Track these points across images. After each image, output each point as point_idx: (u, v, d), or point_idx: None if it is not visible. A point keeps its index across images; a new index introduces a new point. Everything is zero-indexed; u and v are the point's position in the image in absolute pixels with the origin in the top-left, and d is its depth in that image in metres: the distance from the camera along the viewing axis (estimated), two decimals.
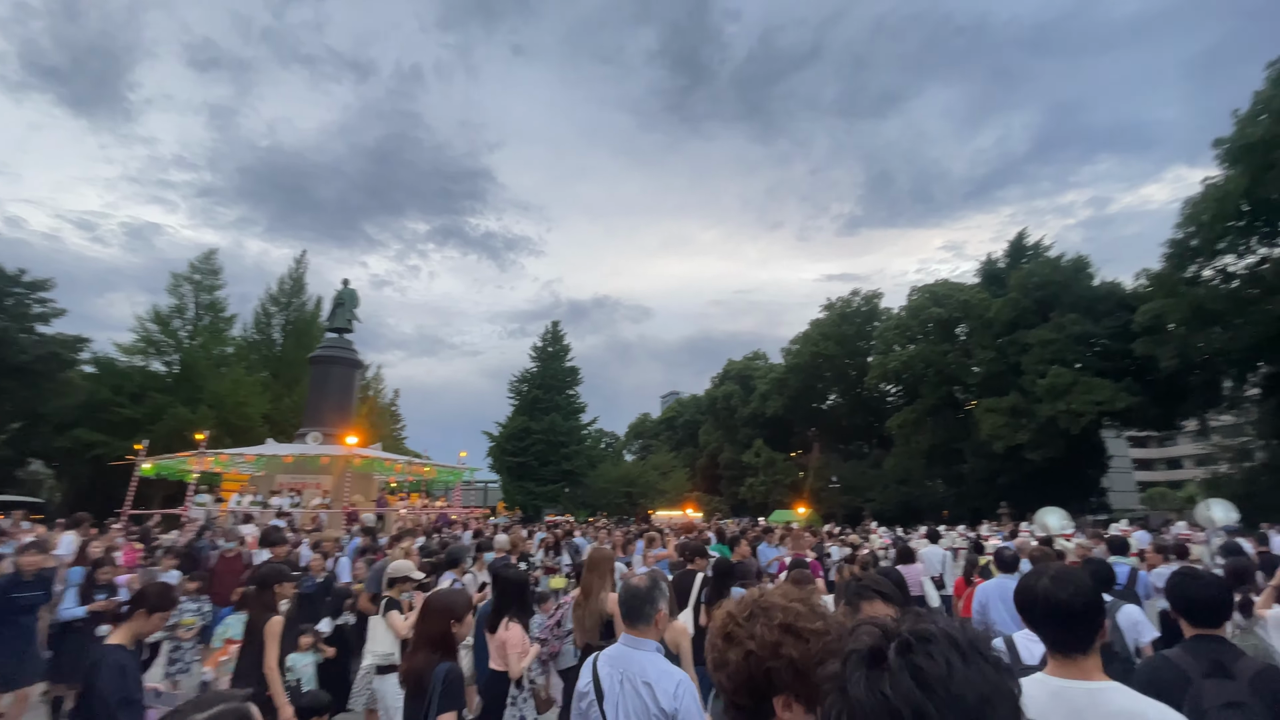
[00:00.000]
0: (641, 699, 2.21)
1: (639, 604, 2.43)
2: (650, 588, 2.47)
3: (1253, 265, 28.38)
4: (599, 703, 2.28)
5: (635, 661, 2.32)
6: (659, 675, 2.25)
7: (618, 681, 2.28)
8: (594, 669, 2.38)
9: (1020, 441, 32.94)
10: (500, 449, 51.27)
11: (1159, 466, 69.13)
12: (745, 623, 1.18)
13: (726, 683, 1.17)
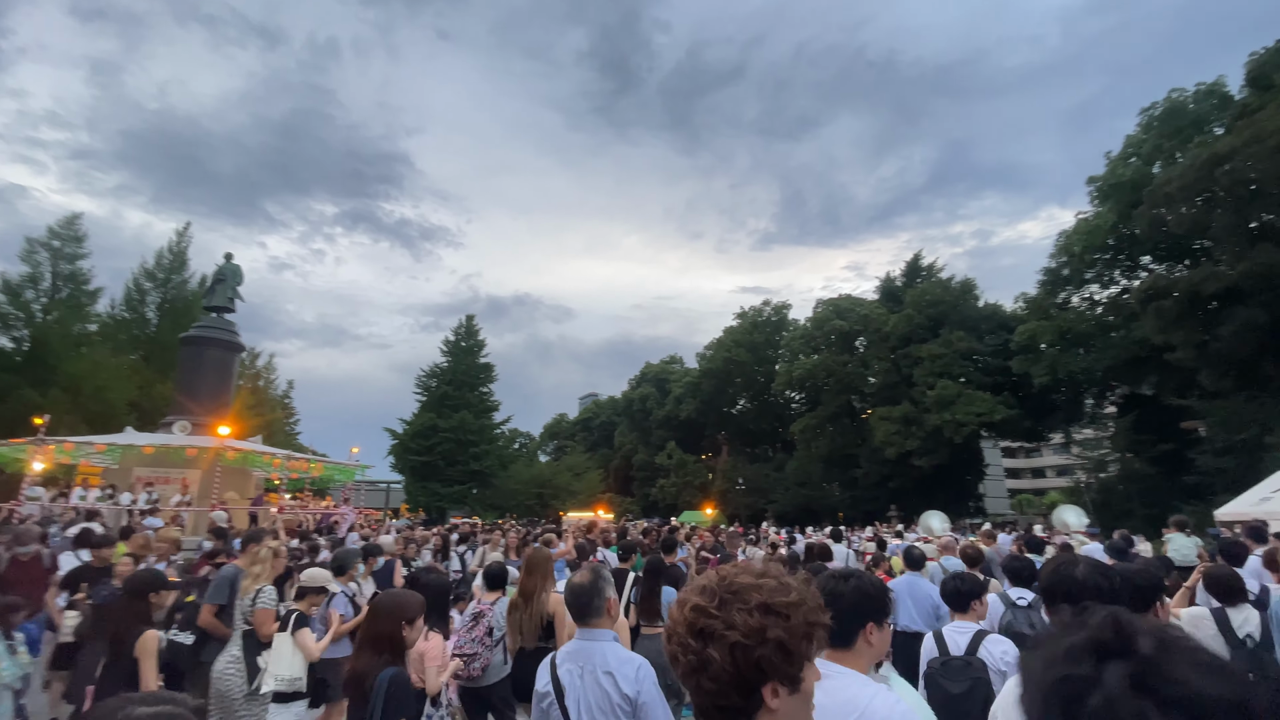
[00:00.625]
0: (603, 689, 2.21)
1: (587, 599, 2.45)
2: (594, 581, 2.49)
3: (1114, 295, 31.21)
4: (559, 700, 2.26)
5: (594, 653, 2.32)
6: (619, 663, 2.27)
7: (578, 676, 2.28)
8: (552, 668, 2.36)
9: (910, 448, 34.77)
10: (404, 447, 48.70)
11: (1025, 475, 75.54)
12: (720, 612, 1.04)
13: (710, 684, 1.02)
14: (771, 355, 50.29)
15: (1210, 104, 25.33)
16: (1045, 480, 72.50)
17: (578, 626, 2.48)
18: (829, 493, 43.20)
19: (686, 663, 1.04)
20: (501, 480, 49.58)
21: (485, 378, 52.73)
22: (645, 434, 58.63)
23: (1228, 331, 21.28)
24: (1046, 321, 30.86)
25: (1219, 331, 21.61)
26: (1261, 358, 22.20)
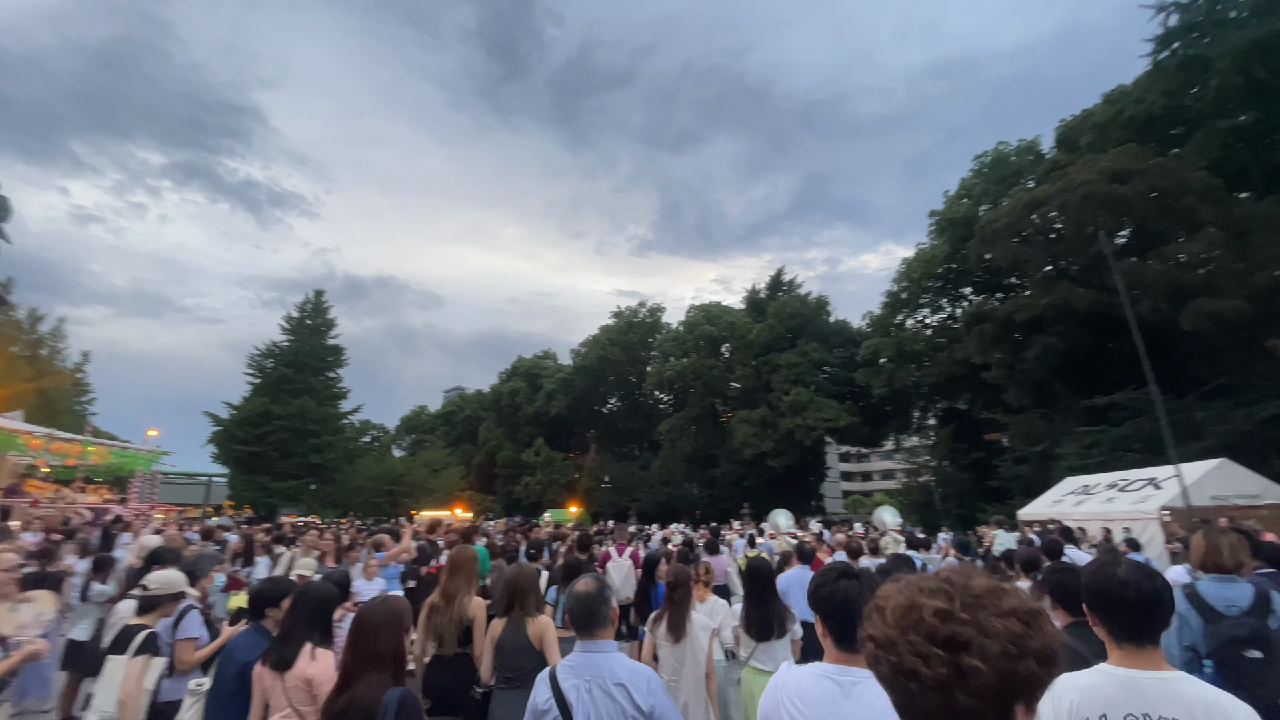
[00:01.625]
0: (617, 702, 2.14)
1: (595, 607, 2.34)
2: (600, 590, 2.39)
3: (942, 320, 34.80)
4: (567, 715, 2.14)
5: (602, 666, 2.24)
6: (630, 674, 2.21)
7: (585, 690, 2.17)
8: (553, 683, 2.23)
9: (765, 449, 36.35)
10: (229, 435, 42.42)
11: (857, 479, 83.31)
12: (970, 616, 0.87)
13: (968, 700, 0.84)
14: (644, 356, 50.51)
15: (1028, 159, 28.98)
16: (873, 484, 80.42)
17: (580, 638, 2.35)
18: (689, 491, 44.06)
19: (935, 675, 0.84)
20: (347, 476, 44.87)
21: (333, 361, 47.47)
22: (513, 430, 56.32)
23: (1031, 355, 24.19)
24: (887, 339, 33.56)
25: (1025, 355, 24.52)
26: (1054, 380, 25.61)
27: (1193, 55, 20.46)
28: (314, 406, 43.45)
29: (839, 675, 1.71)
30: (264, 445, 41.69)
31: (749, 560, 4.33)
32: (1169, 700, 1.55)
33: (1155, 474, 16.99)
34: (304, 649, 2.80)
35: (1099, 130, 23.73)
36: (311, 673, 2.73)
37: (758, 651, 3.79)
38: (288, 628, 2.89)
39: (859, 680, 1.66)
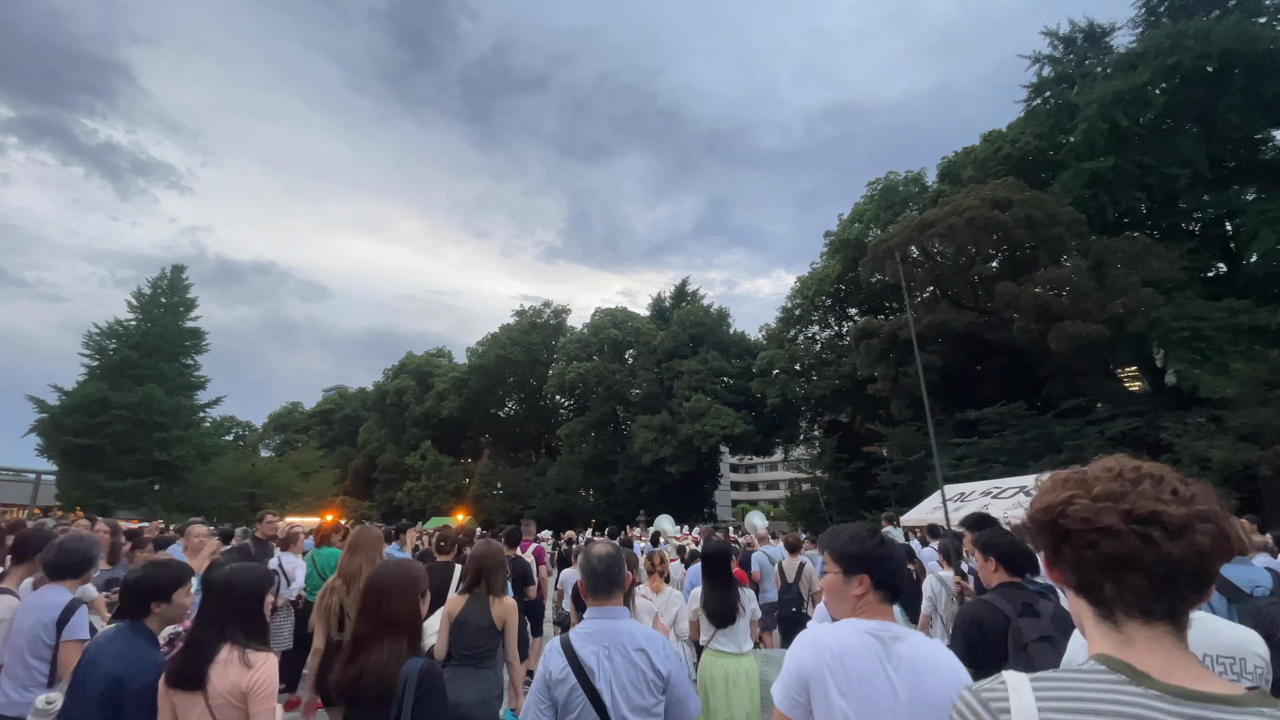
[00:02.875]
0: (638, 668, 2.09)
1: (614, 572, 2.27)
2: (617, 554, 2.30)
3: (830, 337, 35.78)
4: (586, 681, 2.05)
5: (620, 632, 2.17)
6: (648, 639, 2.17)
7: (605, 657, 2.09)
8: (567, 650, 2.12)
9: (664, 455, 35.34)
10: (56, 424, 35.32)
11: (744, 488, 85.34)
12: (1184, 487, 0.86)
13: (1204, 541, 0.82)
14: (546, 359, 48.04)
15: (914, 190, 30.30)
16: (759, 493, 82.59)
17: (593, 603, 2.25)
18: (585, 499, 42.27)
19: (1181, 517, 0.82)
20: (200, 475, 38.75)
21: (191, 346, 41.10)
22: (398, 431, 51.57)
23: (911, 371, 24.90)
24: (781, 351, 33.88)
25: (906, 370, 25.20)
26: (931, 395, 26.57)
27: (1062, 103, 21.93)
28: (162, 396, 37.11)
29: (880, 631, 1.67)
30: (98, 438, 35.04)
31: (706, 544, 4.26)
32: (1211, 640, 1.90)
33: (1024, 483, 17.31)
34: (227, 655, 2.07)
35: (979, 165, 25.04)
36: (247, 683, 2.04)
37: (718, 635, 3.81)
38: (198, 630, 2.16)
39: (901, 636, 1.66)
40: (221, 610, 2.16)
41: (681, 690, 2.15)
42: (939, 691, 1.56)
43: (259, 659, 2.12)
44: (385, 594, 2.12)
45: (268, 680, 2.10)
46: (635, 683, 2.08)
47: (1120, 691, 0.80)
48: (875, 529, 1.83)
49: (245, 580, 2.24)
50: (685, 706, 2.18)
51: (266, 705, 2.10)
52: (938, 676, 1.59)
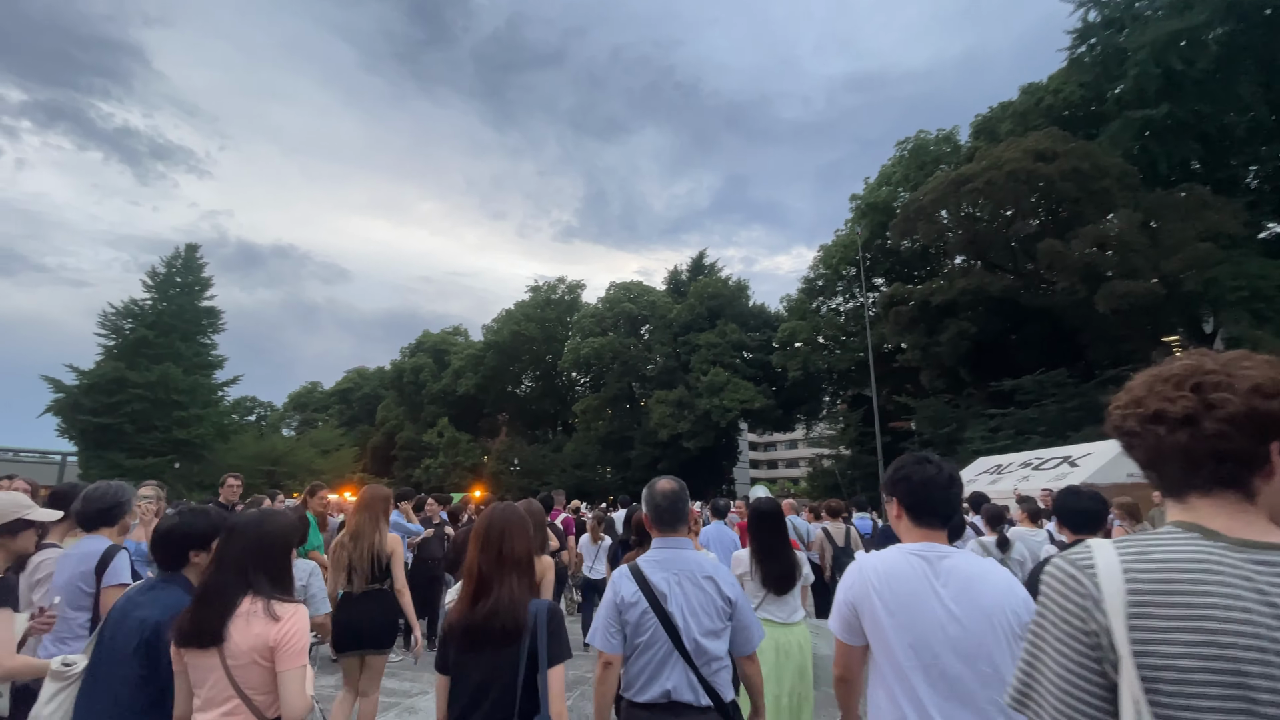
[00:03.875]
0: (707, 594, 2.16)
1: (677, 506, 2.32)
2: (680, 489, 2.36)
3: (854, 309, 34.62)
4: (658, 605, 2.12)
5: (689, 560, 2.24)
6: (714, 568, 2.25)
7: (675, 583, 2.16)
8: (637, 576, 2.19)
9: (681, 430, 34.69)
10: (74, 405, 35.63)
11: (763, 466, 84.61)
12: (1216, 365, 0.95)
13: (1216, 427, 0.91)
14: (561, 335, 47.38)
15: (945, 149, 28.79)
16: (778, 471, 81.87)
17: (660, 534, 2.32)
18: (603, 475, 41.94)
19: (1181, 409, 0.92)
20: (219, 453, 39.05)
21: (208, 325, 41.16)
22: (415, 409, 51.52)
23: (945, 339, 23.81)
24: (803, 322, 32.88)
25: (939, 338, 24.11)
26: (961, 366, 25.50)
27: (1110, 50, 20.39)
28: (180, 375, 37.29)
29: (926, 552, 1.69)
30: (117, 417, 35.38)
31: (758, 503, 3.87)
32: None
33: (1069, 452, 16.39)
34: (249, 607, 1.87)
35: (1017, 119, 23.57)
36: (275, 637, 1.84)
37: (766, 602, 3.51)
38: (216, 580, 1.93)
39: (947, 554, 1.68)
40: (247, 557, 1.96)
41: (747, 616, 2.23)
42: (991, 603, 1.58)
43: (287, 610, 1.92)
44: (504, 533, 2.06)
45: (297, 634, 1.89)
46: (705, 608, 2.15)
47: (1191, 543, 0.91)
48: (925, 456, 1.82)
49: (276, 525, 2.08)
50: (750, 633, 2.23)
51: (297, 662, 1.87)
52: (990, 589, 1.60)
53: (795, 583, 3.51)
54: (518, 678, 1.86)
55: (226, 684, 1.84)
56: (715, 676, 2.13)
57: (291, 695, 1.84)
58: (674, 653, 2.10)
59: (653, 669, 2.10)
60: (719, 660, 2.14)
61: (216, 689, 1.84)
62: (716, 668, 2.14)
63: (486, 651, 1.93)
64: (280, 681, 1.85)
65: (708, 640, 2.12)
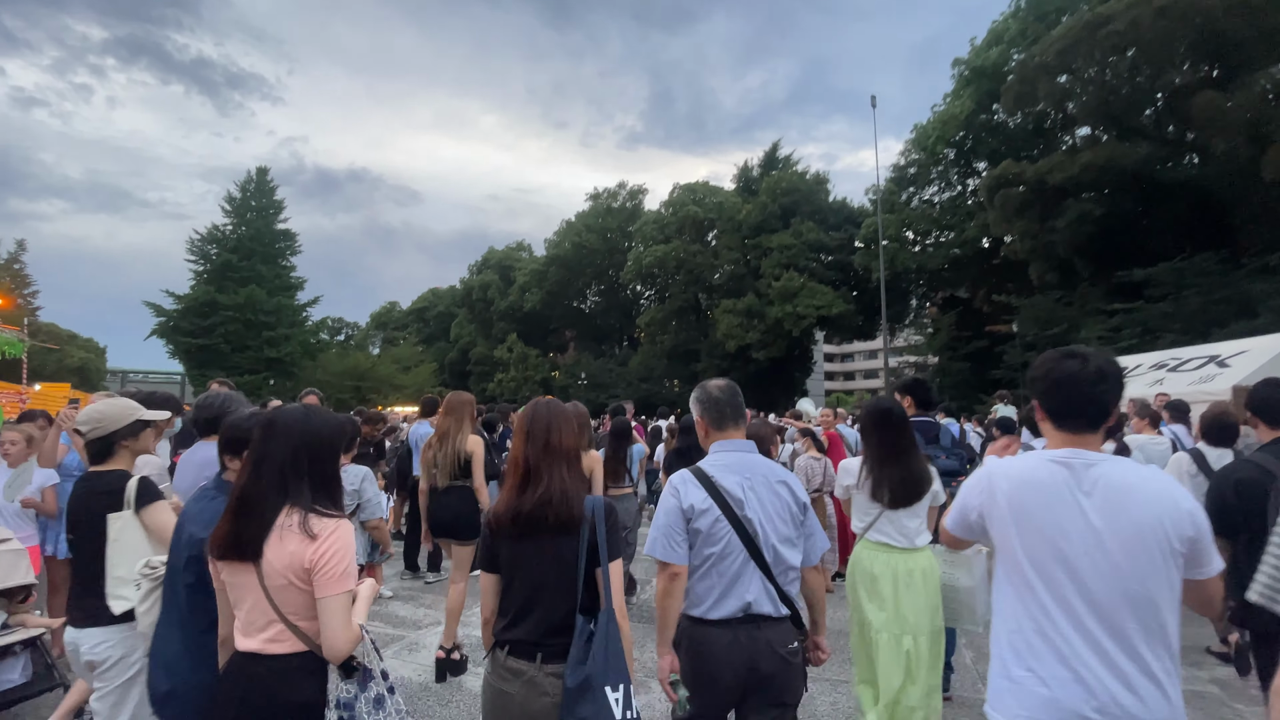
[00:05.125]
0: (782, 499, 2.07)
1: (736, 400, 2.21)
2: (734, 385, 2.27)
3: (951, 199, 30.90)
4: (735, 511, 1.99)
5: (760, 464, 2.12)
6: (785, 473, 2.15)
7: (749, 488, 2.03)
8: (705, 481, 2.03)
9: (750, 341, 33.28)
10: (174, 327, 38.80)
11: (839, 378, 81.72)
12: None
13: None
14: (623, 246, 46.02)
15: None
16: (855, 382, 78.98)
17: (720, 436, 2.18)
18: (669, 388, 41.69)
19: None
20: (308, 371, 41.89)
21: (285, 248, 43.00)
22: (486, 325, 52.75)
23: (1062, 224, 20.59)
24: (891, 215, 29.78)
25: (1054, 224, 20.90)
26: (1077, 257, 22.20)
27: None
28: (264, 296, 39.60)
29: (1072, 459, 1.51)
30: (213, 338, 38.38)
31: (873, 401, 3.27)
32: None
33: (1217, 350, 13.79)
34: (285, 519, 1.64)
35: None
36: (311, 557, 1.60)
37: (883, 521, 2.89)
38: (247, 486, 1.69)
39: (1095, 462, 1.49)
40: (286, 459, 1.70)
41: (814, 522, 2.15)
42: (1145, 517, 1.41)
43: (327, 526, 1.65)
44: (549, 425, 1.92)
45: (338, 554, 1.62)
46: (781, 514, 2.05)
47: None
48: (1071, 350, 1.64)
49: (322, 423, 1.81)
50: (817, 540, 2.15)
51: (338, 588, 1.59)
52: (1146, 500, 1.42)
53: (918, 498, 2.89)
54: (578, 571, 1.74)
55: (267, 606, 1.63)
56: (790, 586, 2.07)
57: (333, 627, 1.58)
58: (750, 563, 2.00)
59: (728, 582, 2.00)
60: (795, 569, 2.08)
61: (256, 611, 1.64)
62: (792, 577, 2.08)
63: (544, 543, 1.80)
64: (320, 610, 1.60)
65: (785, 548, 2.05)
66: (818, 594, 2.17)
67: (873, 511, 2.93)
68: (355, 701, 1.63)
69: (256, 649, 1.62)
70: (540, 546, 1.79)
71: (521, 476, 1.86)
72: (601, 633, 1.68)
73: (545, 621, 1.75)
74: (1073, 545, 1.42)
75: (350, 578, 1.64)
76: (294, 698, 1.60)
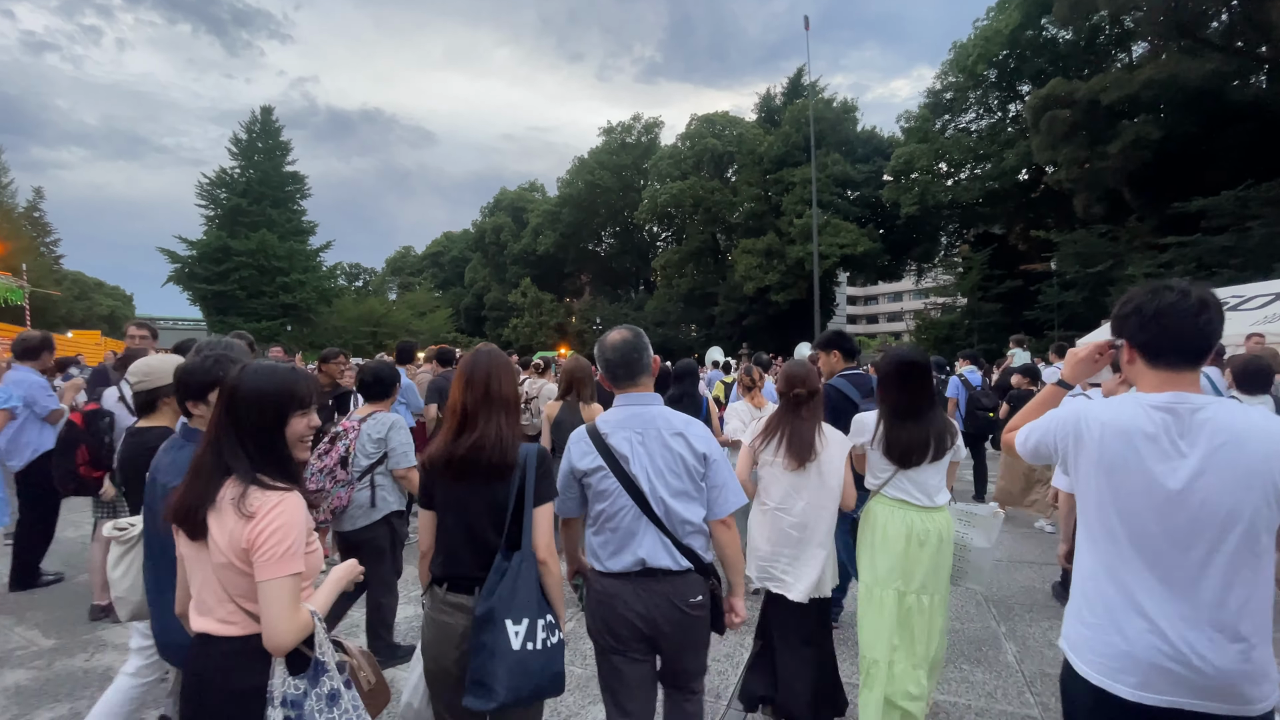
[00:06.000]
0: (674, 452, 1.99)
1: (636, 355, 2.09)
2: (636, 337, 2.13)
3: (990, 126, 28.72)
4: (620, 467, 1.97)
5: (654, 417, 2.04)
6: (685, 423, 2.05)
7: (639, 443, 2.00)
8: (595, 438, 2.03)
9: (769, 283, 32.03)
10: (189, 274, 38.80)
11: (861, 321, 79.83)
12: None
13: None
14: (639, 184, 44.27)
15: None
16: (878, 325, 77.16)
17: (620, 391, 2.12)
18: (686, 333, 40.87)
19: None
20: (323, 317, 41.94)
21: (294, 191, 42.22)
22: (499, 270, 51.99)
23: (1115, 149, 18.88)
24: (924, 145, 27.86)
25: (1106, 149, 19.18)
26: (1131, 185, 20.50)
27: None
28: (276, 241, 39.19)
29: (1177, 404, 1.38)
30: (228, 284, 38.38)
31: (890, 351, 2.94)
32: None
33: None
34: (232, 491, 1.49)
35: None
36: (248, 538, 1.46)
37: (899, 478, 2.71)
38: (201, 453, 1.59)
39: (1200, 406, 1.37)
40: (225, 423, 1.55)
41: (722, 474, 2.04)
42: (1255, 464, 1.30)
43: (266, 501, 1.47)
44: (490, 373, 1.95)
45: (279, 531, 1.44)
46: (673, 467, 1.99)
47: None
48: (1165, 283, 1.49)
49: (263, 381, 1.57)
50: (724, 493, 2.04)
51: (278, 570, 1.43)
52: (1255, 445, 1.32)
53: (934, 459, 2.66)
54: (507, 513, 1.81)
55: (216, 584, 1.51)
56: (691, 539, 2.01)
57: (272, 615, 1.42)
58: (643, 518, 1.97)
59: (621, 537, 1.99)
60: (691, 524, 2.00)
61: (207, 589, 1.53)
62: (690, 530, 2.00)
63: (477, 486, 1.85)
64: (259, 595, 1.44)
65: (678, 502, 1.98)
66: (727, 551, 2.09)
67: (889, 469, 2.72)
68: (304, 699, 1.48)
69: (209, 630, 1.52)
70: (474, 489, 1.85)
71: (458, 422, 1.89)
72: (514, 571, 1.76)
73: (479, 558, 1.83)
74: (1167, 497, 1.34)
75: (294, 559, 1.47)
76: (240, 685, 1.47)
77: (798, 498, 2.73)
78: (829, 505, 2.73)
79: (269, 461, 1.54)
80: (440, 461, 1.87)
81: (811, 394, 2.80)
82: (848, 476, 2.78)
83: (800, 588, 2.68)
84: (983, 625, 4.08)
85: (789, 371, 2.88)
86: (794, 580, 2.70)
